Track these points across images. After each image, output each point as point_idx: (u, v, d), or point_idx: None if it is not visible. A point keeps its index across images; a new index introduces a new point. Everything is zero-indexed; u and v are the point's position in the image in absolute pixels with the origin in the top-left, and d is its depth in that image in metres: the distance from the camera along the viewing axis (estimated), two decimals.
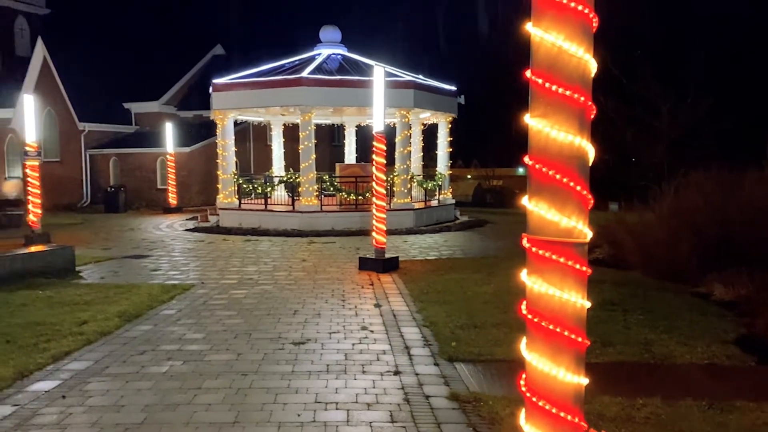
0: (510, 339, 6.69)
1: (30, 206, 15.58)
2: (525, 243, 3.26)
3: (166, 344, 6.78)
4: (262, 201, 19.14)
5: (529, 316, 3.29)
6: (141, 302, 8.70)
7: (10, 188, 32.92)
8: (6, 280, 9.94)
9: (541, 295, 3.22)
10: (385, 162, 11.58)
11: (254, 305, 8.71)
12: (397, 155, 18.51)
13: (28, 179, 15.79)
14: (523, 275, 3.32)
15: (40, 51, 30.28)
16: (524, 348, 3.38)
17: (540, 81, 3.09)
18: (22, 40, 36.82)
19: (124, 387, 5.46)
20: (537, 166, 3.15)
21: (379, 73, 11.58)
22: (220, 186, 19.99)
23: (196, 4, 79.02)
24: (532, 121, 3.15)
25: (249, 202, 19.66)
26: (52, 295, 9.19)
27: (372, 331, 7.34)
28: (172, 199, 25.40)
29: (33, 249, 11.68)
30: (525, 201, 3.22)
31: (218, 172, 20.09)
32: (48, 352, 6.31)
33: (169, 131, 25.38)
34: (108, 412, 4.90)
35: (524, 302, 3.36)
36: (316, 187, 18.23)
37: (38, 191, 15.66)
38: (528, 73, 3.13)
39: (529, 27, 3.12)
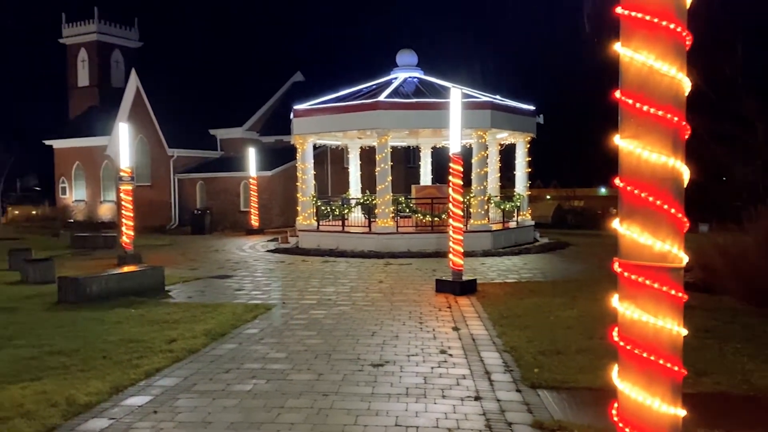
0: (596, 366, 6.45)
1: (123, 228, 16.48)
2: (616, 267, 3.15)
3: (250, 363, 6.95)
4: (340, 223, 19.45)
5: (621, 343, 3.17)
6: (226, 321, 8.99)
7: (105, 211, 35.01)
8: (102, 298, 10.53)
9: (633, 322, 3.10)
10: (461, 183, 11.53)
11: (333, 326, 8.81)
12: (473, 176, 18.39)
13: (122, 203, 16.73)
14: (615, 301, 3.20)
15: (133, 82, 32.24)
16: (616, 376, 3.24)
17: (630, 101, 3.01)
18: (117, 72, 39.40)
19: (211, 404, 5.63)
20: (628, 188, 3.05)
21: (456, 94, 11.59)
22: (299, 208, 20.48)
23: (278, 35, 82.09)
24: (622, 142, 3.06)
25: (327, 223, 20.02)
26: (144, 313, 9.65)
27: (451, 355, 7.26)
28: (255, 221, 26.23)
29: (126, 269, 12.33)
30: (616, 224, 3.12)
31: (298, 195, 20.60)
32: (140, 369, 6.60)
33: (251, 156, 26.32)
34: (196, 429, 5.07)
35: (615, 328, 3.23)
36: (392, 208, 18.36)
37: (131, 214, 16.56)
38: (617, 94, 3.06)
39: (618, 47, 3.05)
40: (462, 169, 11.49)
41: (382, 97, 18.35)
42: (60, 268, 13.86)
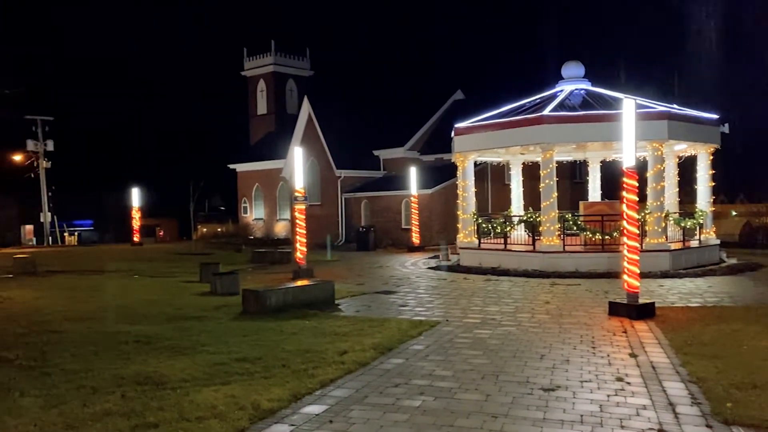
0: None
1: (297, 245, 17.57)
2: None
3: (418, 379, 7.02)
4: (502, 241, 19.12)
5: None
6: (392, 336, 9.19)
7: (280, 228, 37.66)
8: (280, 310, 11.28)
9: None
10: (636, 199, 10.83)
11: (499, 346, 8.64)
12: (649, 191, 17.17)
13: (296, 221, 17.86)
14: None
15: (305, 108, 34.52)
16: None
17: None
18: (291, 100, 42.50)
19: (383, 417, 5.75)
20: None
21: (629, 105, 10.94)
22: (459, 225, 20.48)
23: (437, 55, 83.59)
24: None
25: (488, 241, 19.79)
26: (317, 325, 10.17)
27: (629, 383, 6.78)
28: (416, 239, 26.68)
29: (300, 283, 13.09)
30: None
31: (458, 212, 20.63)
32: (316, 378, 6.94)
33: (412, 175, 26.87)
34: None
35: None
36: (557, 226, 17.71)
37: (304, 231, 17.61)
38: None
39: None
40: (637, 184, 10.80)
41: (546, 111, 17.86)
42: (243, 281, 15.06)
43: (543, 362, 7.73)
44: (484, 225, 19.74)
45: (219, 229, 46.02)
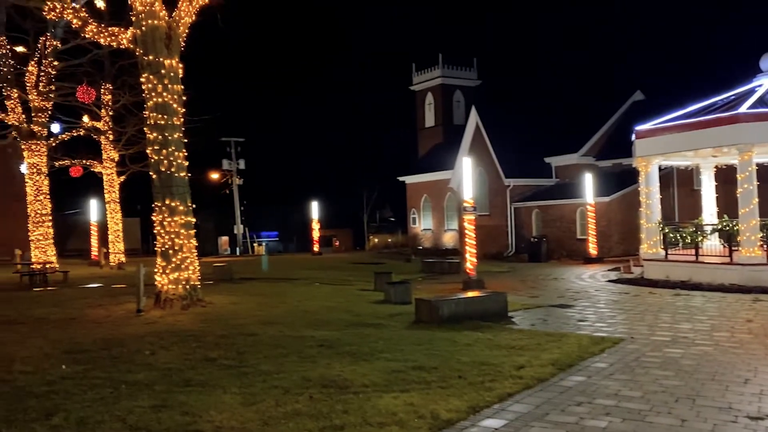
0: None
1: (467, 255, 17.53)
2: None
3: (602, 398, 6.62)
4: (692, 251, 17.52)
5: None
6: (572, 352, 8.78)
7: (448, 239, 37.92)
8: (452, 320, 11.29)
9: None
10: None
11: (693, 367, 7.88)
12: None
13: (465, 231, 17.84)
14: None
15: (473, 118, 34.51)
16: None
17: None
18: (458, 111, 42.72)
19: None
20: None
21: None
22: (642, 235, 19.12)
23: (613, 54, 79.33)
24: None
25: (676, 252, 18.26)
26: (491, 337, 10.02)
27: None
28: (593, 249, 25.38)
29: (471, 294, 13.03)
30: None
31: (641, 221, 19.28)
32: (493, 392, 6.82)
33: (588, 182, 25.63)
34: None
35: None
36: (759, 235, 15.85)
37: (474, 242, 17.55)
38: None
39: None
40: None
41: (743, 109, 16.09)
42: (414, 291, 15.34)
43: (747, 387, 6.92)
44: (671, 235, 18.26)
45: (389, 240, 47.56)
